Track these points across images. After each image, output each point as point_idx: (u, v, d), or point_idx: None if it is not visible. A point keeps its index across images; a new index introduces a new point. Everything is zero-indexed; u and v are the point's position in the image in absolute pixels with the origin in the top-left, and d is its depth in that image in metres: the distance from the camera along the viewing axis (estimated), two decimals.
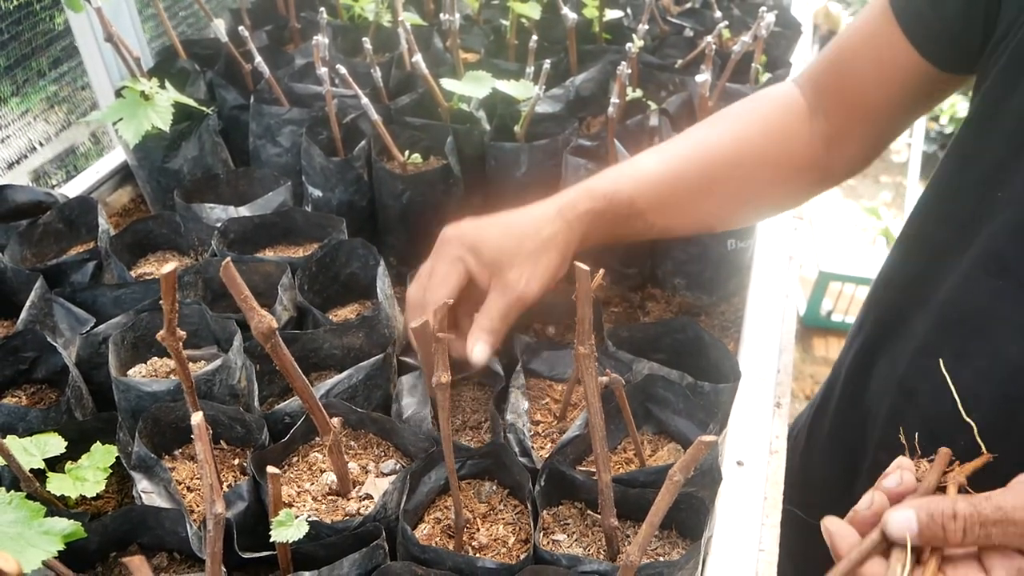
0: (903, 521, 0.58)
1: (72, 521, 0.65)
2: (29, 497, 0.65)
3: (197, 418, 0.60)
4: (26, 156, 1.37)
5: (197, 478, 0.83)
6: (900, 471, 0.64)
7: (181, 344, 0.66)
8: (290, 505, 0.77)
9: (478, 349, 0.83)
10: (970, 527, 0.57)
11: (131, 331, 0.91)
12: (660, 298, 1.21)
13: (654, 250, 1.20)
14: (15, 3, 1.33)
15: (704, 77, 1.04)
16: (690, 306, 1.20)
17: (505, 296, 0.85)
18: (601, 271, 0.70)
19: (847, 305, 3.15)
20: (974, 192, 0.79)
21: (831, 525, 0.62)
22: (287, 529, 0.64)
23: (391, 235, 1.18)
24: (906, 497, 0.62)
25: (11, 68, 1.34)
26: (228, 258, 0.61)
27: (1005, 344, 0.76)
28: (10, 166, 1.35)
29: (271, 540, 0.65)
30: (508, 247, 0.85)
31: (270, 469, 0.64)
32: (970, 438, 0.81)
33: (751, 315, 1.11)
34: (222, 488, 0.80)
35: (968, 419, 0.78)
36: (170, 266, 0.57)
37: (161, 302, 0.62)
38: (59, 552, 0.63)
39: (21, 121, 1.39)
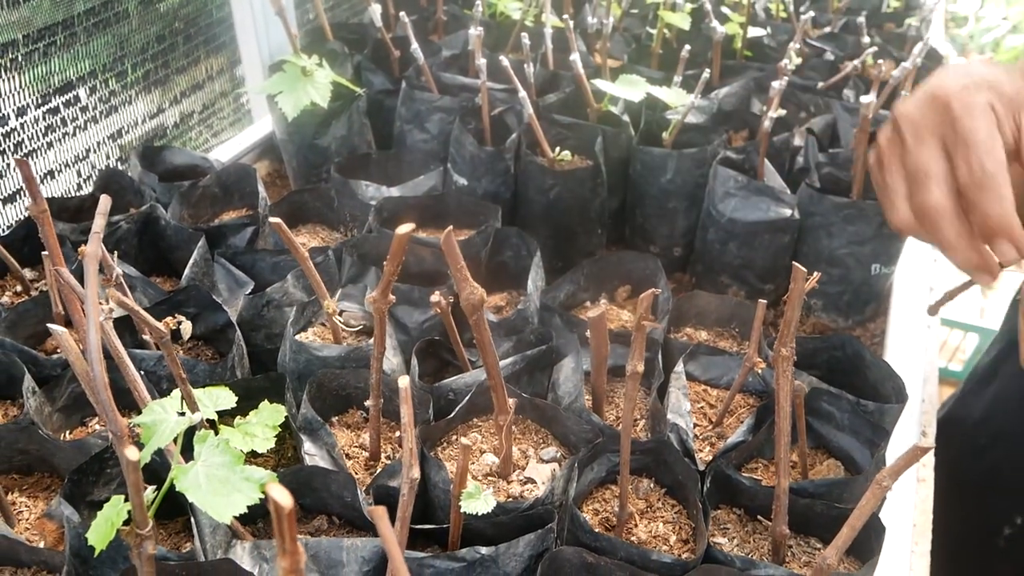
0: None
1: (267, 471, 0.66)
2: None
3: (404, 382, 0.60)
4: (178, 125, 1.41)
5: (355, 446, 0.84)
6: None
7: (386, 309, 0.67)
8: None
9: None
10: None
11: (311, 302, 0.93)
12: None
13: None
14: None
15: (870, 99, 1.03)
16: (824, 327, 1.19)
17: None
18: (816, 273, 0.70)
19: (951, 353, 2.95)
20: None
21: None
22: (476, 501, 0.65)
23: (531, 230, 1.19)
24: None
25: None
26: (450, 228, 0.61)
27: None
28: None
29: (461, 510, 0.65)
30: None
31: (463, 440, 0.65)
32: None
33: (893, 340, 1.09)
34: (391, 459, 0.81)
35: None
36: (407, 227, 0.58)
37: (386, 263, 0.62)
38: None
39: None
